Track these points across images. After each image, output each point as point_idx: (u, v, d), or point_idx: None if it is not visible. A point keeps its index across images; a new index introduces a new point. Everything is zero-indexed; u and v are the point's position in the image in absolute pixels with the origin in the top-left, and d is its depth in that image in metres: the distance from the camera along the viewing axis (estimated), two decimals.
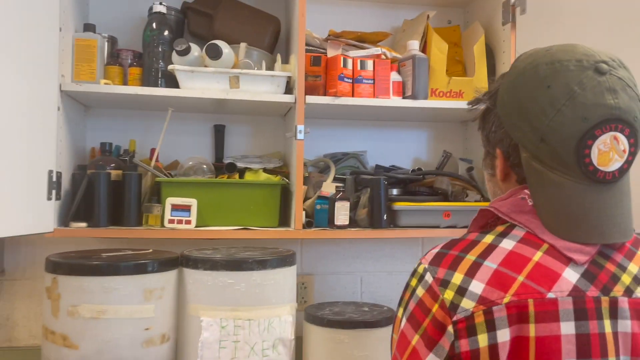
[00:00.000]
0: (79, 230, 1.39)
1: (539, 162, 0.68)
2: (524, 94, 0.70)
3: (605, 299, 0.65)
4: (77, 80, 1.46)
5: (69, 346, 1.08)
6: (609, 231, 0.66)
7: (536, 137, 0.68)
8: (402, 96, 1.61)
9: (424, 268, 0.69)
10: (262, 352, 1.18)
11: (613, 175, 0.67)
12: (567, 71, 0.67)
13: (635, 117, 0.66)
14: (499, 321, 0.62)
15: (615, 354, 0.63)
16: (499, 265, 0.65)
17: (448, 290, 0.65)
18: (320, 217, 1.56)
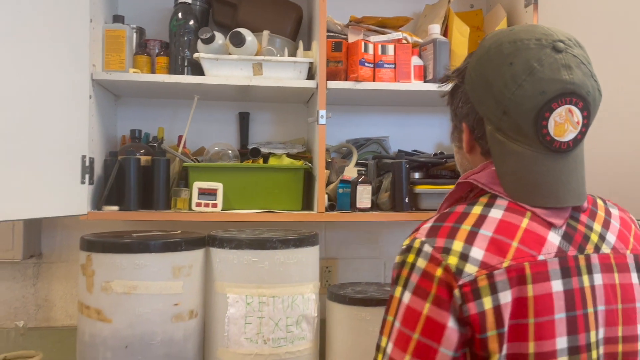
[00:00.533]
0: (111, 213, 1.45)
1: (501, 134, 0.74)
2: (489, 71, 0.75)
3: (582, 256, 0.72)
4: (108, 69, 1.52)
5: (102, 320, 1.14)
6: (563, 196, 0.72)
7: (499, 111, 0.73)
8: (423, 80, 1.62)
9: (420, 242, 0.70)
10: (286, 328, 1.22)
11: (568, 145, 0.72)
12: (528, 49, 0.72)
13: (588, 92, 0.72)
14: (500, 284, 0.66)
15: (593, 305, 0.70)
16: (493, 233, 0.69)
17: (451, 256, 0.67)
18: (343, 201, 1.59)
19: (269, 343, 1.21)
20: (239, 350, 1.20)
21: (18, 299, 1.69)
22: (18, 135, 1.07)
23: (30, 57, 1.11)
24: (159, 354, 1.15)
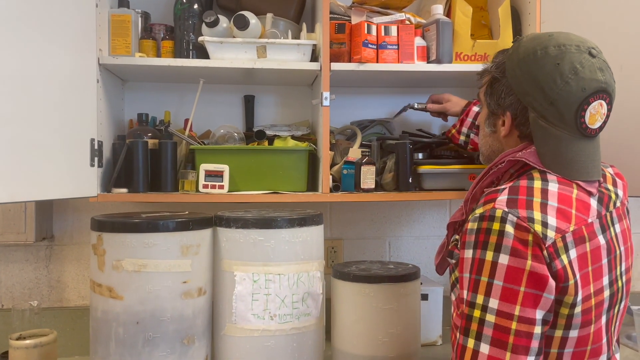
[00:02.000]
0: (120, 195, 1.49)
1: (544, 121, 0.93)
2: (536, 69, 0.93)
3: (608, 214, 0.94)
4: (114, 54, 1.54)
5: (114, 297, 1.17)
6: (591, 171, 0.93)
7: (546, 102, 0.91)
8: (426, 61, 1.63)
9: (502, 212, 0.84)
10: (292, 305, 1.25)
11: (595, 131, 0.93)
12: (570, 53, 0.91)
13: (613, 90, 0.93)
14: (569, 244, 0.85)
15: (618, 247, 0.94)
16: (558, 204, 0.87)
17: (535, 224, 0.83)
18: (347, 182, 1.61)
19: (275, 319, 1.24)
20: (247, 326, 1.23)
21: (31, 280, 1.73)
22: (28, 118, 1.10)
23: (37, 42, 1.14)
24: (169, 330, 1.18)
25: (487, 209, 0.86)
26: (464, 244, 0.88)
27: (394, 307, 1.29)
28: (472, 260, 0.85)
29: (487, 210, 0.86)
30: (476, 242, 0.86)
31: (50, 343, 1.38)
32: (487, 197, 0.90)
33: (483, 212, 0.86)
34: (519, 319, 0.80)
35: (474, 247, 0.86)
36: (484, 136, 1.09)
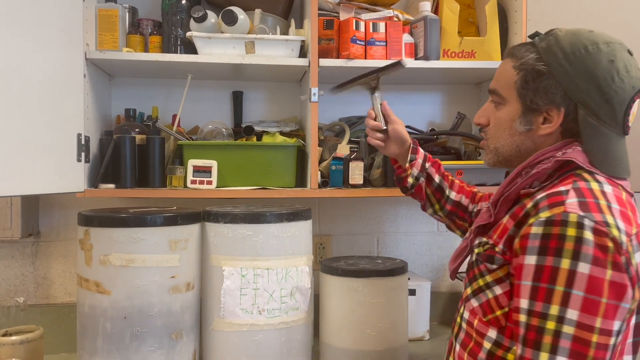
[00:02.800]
0: (107, 190, 1.48)
1: (595, 118, 0.89)
2: (592, 64, 0.89)
3: None
4: (101, 49, 1.53)
5: (102, 292, 1.17)
6: (628, 169, 0.92)
7: (602, 99, 0.88)
8: (414, 57, 1.64)
9: (578, 216, 0.79)
10: (280, 299, 1.26)
11: (630, 130, 0.92)
12: (619, 51, 0.89)
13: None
14: (636, 247, 0.82)
15: None
16: (619, 206, 0.83)
17: (613, 229, 0.79)
18: (336, 178, 1.62)
19: (263, 314, 1.24)
20: (235, 321, 1.24)
21: (17, 277, 1.72)
22: (13, 113, 1.09)
23: (22, 36, 1.13)
24: (157, 325, 1.18)
25: (556, 213, 0.81)
26: (524, 249, 0.83)
27: (382, 302, 1.29)
28: (540, 268, 0.80)
29: (557, 214, 0.81)
30: (545, 248, 0.80)
31: (37, 339, 1.37)
32: (551, 200, 0.84)
33: (551, 216, 0.81)
34: (600, 332, 0.76)
35: (542, 254, 0.80)
36: (510, 135, 0.98)
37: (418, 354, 1.59)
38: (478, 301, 0.93)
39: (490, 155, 1.03)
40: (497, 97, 0.99)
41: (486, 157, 1.05)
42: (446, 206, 1.27)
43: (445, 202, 1.27)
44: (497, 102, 0.99)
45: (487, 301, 0.91)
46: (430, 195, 1.28)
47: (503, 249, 0.89)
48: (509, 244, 0.88)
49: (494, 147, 1.01)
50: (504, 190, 0.95)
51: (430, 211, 1.30)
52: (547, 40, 0.93)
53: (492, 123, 1.01)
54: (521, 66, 0.94)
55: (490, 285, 0.91)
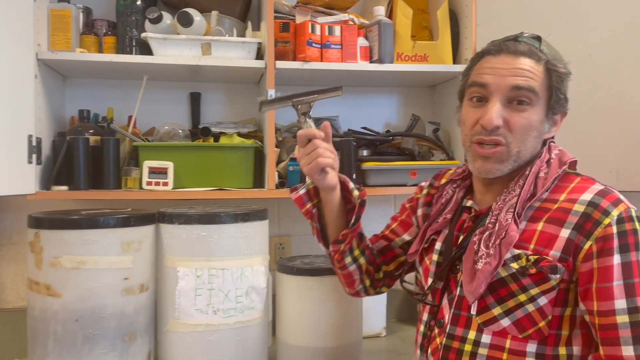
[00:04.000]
0: (60, 192, 1.46)
1: None
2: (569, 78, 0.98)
3: None
4: (54, 49, 1.51)
5: (52, 295, 1.15)
6: None
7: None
8: (369, 60, 1.67)
9: (635, 210, 0.88)
10: (235, 299, 1.27)
11: None
12: None
13: None
14: None
15: None
16: None
17: None
18: (293, 178, 1.64)
19: (219, 314, 1.25)
20: (190, 321, 1.24)
21: None
22: None
23: None
24: (109, 327, 1.17)
25: (622, 210, 0.86)
26: (609, 250, 0.84)
27: (337, 299, 1.32)
28: (628, 265, 0.83)
29: (624, 211, 0.86)
30: (626, 244, 0.84)
31: None
32: (609, 198, 0.88)
33: (621, 214, 0.86)
34: None
35: (625, 251, 0.84)
36: (535, 137, 0.94)
37: (375, 350, 1.62)
38: (512, 319, 0.89)
39: (510, 159, 0.93)
40: (532, 94, 0.91)
41: (497, 165, 0.93)
42: (366, 251, 1.15)
43: (365, 246, 1.15)
44: (528, 101, 0.92)
45: (526, 316, 0.88)
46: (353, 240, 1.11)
47: (562, 256, 0.87)
48: (570, 250, 0.87)
49: (516, 152, 0.93)
50: (525, 198, 0.92)
51: (349, 260, 1.12)
52: (547, 45, 0.95)
53: (519, 124, 0.91)
54: (552, 67, 0.93)
55: (535, 298, 0.87)
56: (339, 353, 1.32)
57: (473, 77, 0.97)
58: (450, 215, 1.04)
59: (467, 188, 1.06)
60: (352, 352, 1.35)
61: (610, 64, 1.45)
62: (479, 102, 0.95)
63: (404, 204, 1.23)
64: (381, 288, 1.22)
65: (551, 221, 0.89)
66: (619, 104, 1.44)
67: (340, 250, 1.09)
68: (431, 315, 1.01)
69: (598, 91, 1.46)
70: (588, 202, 0.88)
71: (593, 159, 1.40)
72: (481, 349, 0.91)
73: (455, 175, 1.10)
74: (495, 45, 0.96)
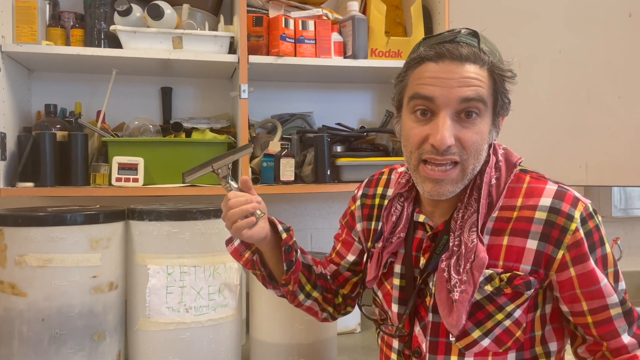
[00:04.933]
0: (25, 189, 1.42)
1: None
2: None
3: None
4: (18, 42, 1.46)
5: (17, 294, 1.12)
6: None
7: None
8: (343, 56, 1.67)
9: (590, 204, 0.88)
10: (208, 296, 1.25)
11: None
12: None
13: None
14: None
15: None
16: None
17: None
18: (267, 174, 1.62)
19: (191, 311, 1.23)
20: (161, 320, 1.22)
21: None
22: None
23: None
24: (77, 326, 1.14)
25: (582, 210, 0.85)
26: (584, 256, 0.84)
27: None
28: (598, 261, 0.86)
29: (583, 210, 0.85)
30: (593, 243, 0.86)
31: None
32: (567, 199, 0.85)
33: (582, 214, 0.85)
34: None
35: (594, 249, 0.86)
36: (486, 149, 0.88)
37: (349, 346, 1.62)
38: (491, 338, 0.87)
39: (465, 179, 0.87)
40: (481, 104, 0.83)
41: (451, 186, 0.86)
42: (318, 282, 1.09)
43: (315, 278, 1.08)
44: (477, 112, 0.84)
45: (504, 331, 0.87)
46: (301, 276, 1.06)
47: (532, 268, 0.85)
48: (540, 262, 0.84)
49: (472, 168, 0.86)
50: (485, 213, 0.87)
51: (302, 297, 1.07)
52: (485, 42, 0.86)
53: (472, 140, 0.84)
54: (497, 70, 0.85)
55: (511, 314, 0.86)
56: (313, 349, 1.31)
57: (415, 88, 0.85)
58: (403, 233, 0.96)
59: (414, 199, 0.98)
60: (326, 348, 1.35)
61: (580, 60, 1.48)
62: (423, 115, 0.85)
63: (340, 221, 1.15)
64: (346, 309, 1.17)
65: (515, 233, 0.85)
66: (588, 100, 1.47)
67: (290, 291, 1.04)
68: (404, 344, 0.95)
69: (568, 87, 1.49)
70: (549, 208, 0.84)
71: (563, 154, 1.43)
72: None
73: (400, 187, 0.99)
74: (434, 50, 0.84)
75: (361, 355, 1.55)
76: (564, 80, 1.47)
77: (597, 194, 2.05)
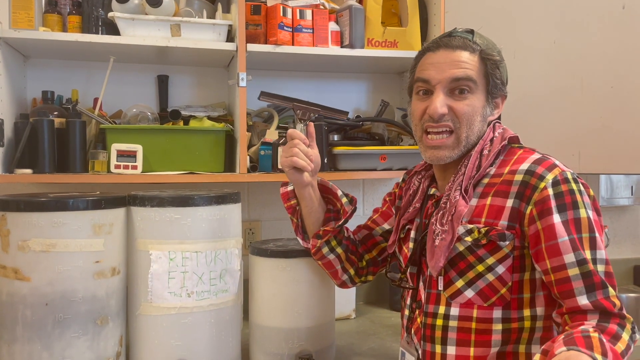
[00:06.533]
0: (24, 176, 1.41)
1: None
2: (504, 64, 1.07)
3: None
4: (15, 27, 1.45)
5: (20, 279, 1.12)
6: None
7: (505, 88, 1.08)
8: (340, 45, 1.68)
9: (570, 173, 0.95)
10: (209, 282, 1.26)
11: None
12: None
13: None
14: None
15: None
16: None
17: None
18: (265, 163, 1.64)
19: (192, 296, 1.24)
20: (163, 304, 1.23)
21: None
22: None
23: None
24: (80, 311, 1.15)
25: (557, 174, 0.93)
26: (548, 211, 0.91)
27: (310, 280, 1.33)
28: (567, 222, 0.91)
29: (558, 174, 0.93)
30: (563, 204, 0.91)
31: None
32: (544, 165, 0.95)
33: (555, 177, 0.93)
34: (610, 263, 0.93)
35: (564, 210, 0.91)
36: (479, 122, 1.02)
37: (345, 331, 1.65)
38: (475, 290, 0.96)
39: (460, 146, 1.01)
40: (471, 83, 1.00)
41: (448, 152, 1.02)
42: (344, 241, 1.23)
43: (342, 237, 1.23)
44: (468, 89, 1.00)
45: (487, 285, 0.94)
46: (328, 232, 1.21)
47: (509, 224, 0.94)
48: (516, 217, 0.94)
49: (465, 136, 1.01)
50: (470, 175, 0.99)
51: (326, 250, 1.21)
52: (479, 37, 1.03)
53: (463, 110, 1.00)
54: (486, 56, 1.02)
55: (492, 267, 0.95)
56: (312, 333, 1.34)
57: (417, 74, 1.06)
58: (419, 204, 1.12)
59: (431, 177, 1.14)
60: (325, 332, 1.37)
61: (574, 50, 1.51)
62: (425, 95, 1.04)
63: (385, 198, 1.32)
64: (366, 276, 1.30)
65: (497, 194, 0.96)
66: (582, 89, 1.50)
67: (317, 244, 1.21)
68: (412, 299, 1.09)
69: (562, 77, 1.53)
70: (525, 170, 0.95)
71: (557, 142, 1.46)
72: (451, 321, 0.97)
73: (419, 166, 1.18)
74: (434, 43, 1.05)
75: (356, 340, 1.58)
76: (558, 70, 1.51)
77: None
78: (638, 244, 2.29)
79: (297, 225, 1.25)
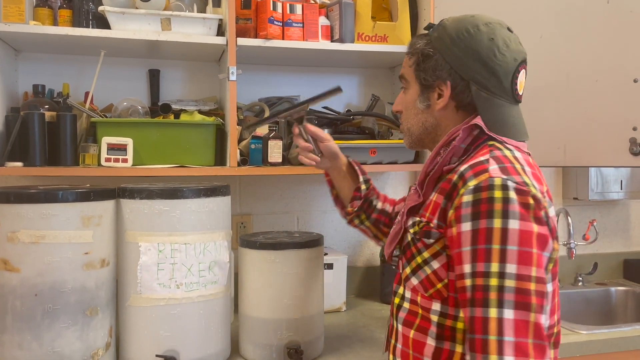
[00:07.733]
0: (14, 169, 1.42)
1: (487, 92, 0.98)
2: (474, 44, 0.98)
3: None
4: (6, 21, 1.46)
5: (10, 270, 1.13)
6: (525, 132, 1.02)
7: (488, 73, 0.97)
8: (330, 40, 1.69)
9: (502, 179, 0.88)
10: (198, 273, 1.28)
11: (521, 97, 1.02)
12: (498, 29, 0.99)
13: None
14: (548, 203, 0.92)
15: None
16: (530, 168, 0.94)
17: (531, 188, 0.88)
18: (255, 156, 1.65)
19: (181, 288, 1.26)
20: (152, 296, 1.24)
21: None
22: None
23: None
24: (70, 301, 1.16)
25: (482, 180, 0.88)
26: (459, 218, 0.88)
27: (299, 272, 1.35)
28: (475, 232, 0.86)
29: (484, 180, 0.88)
30: (477, 213, 0.86)
31: None
32: (475, 169, 0.91)
33: (479, 184, 0.88)
34: (537, 280, 0.83)
35: (476, 219, 0.86)
36: (415, 115, 1.07)
37: (335, 323, 1.67)
38: (418, 279, 0.98)
39: (406, 136, 1.12)
40: (404, 81, 1.10)
41: (404, 140, 1.14)
42: (372, 215, 1.32)
43: (372, 212, 1.32)
44: (404, 86, 1.10)
45: (426, 277, 0.96)
46: (359, 207, 1.31)
47: (438, 223, 0.94)
48: (443, 217, 0.94)
49: (407, 129, 1.10)
50: (427, 170, 1.02)
51: (357, 222, 1.33)
52: (437, 30, 1.04)
53: (403, 107, 1.11)
54: (414, 51, 1.06)
55: (428, 261, 0.96)
56: (301, 324, 1.35)
57: None
58: None
59: None
60: (313, 324, 1.39)
61: (560, 45, 1.53)
62: None
63: None
64: None
65: (440, 192, 0.97)
66: (568, 83, 1.52)
67: (347, 219, 1.35)
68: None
69: (548, 71, 1.54)
70: (459, 172, 0.93)
71: (542, 136, 1.47)
72: (405, 302, 1.02)
73: None
74: None
75: (346, 331, 1.59)
76: (545, 64, 1.52)
77: (574, 177, 2.12)
78: (628, 238, 2.31)
79: (334, 197, 1.39)
